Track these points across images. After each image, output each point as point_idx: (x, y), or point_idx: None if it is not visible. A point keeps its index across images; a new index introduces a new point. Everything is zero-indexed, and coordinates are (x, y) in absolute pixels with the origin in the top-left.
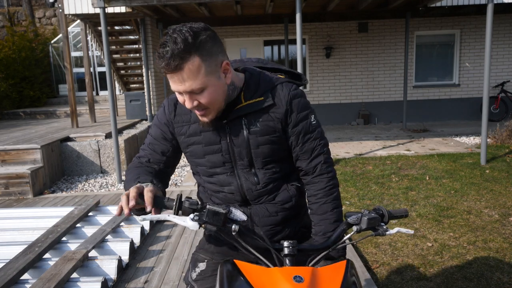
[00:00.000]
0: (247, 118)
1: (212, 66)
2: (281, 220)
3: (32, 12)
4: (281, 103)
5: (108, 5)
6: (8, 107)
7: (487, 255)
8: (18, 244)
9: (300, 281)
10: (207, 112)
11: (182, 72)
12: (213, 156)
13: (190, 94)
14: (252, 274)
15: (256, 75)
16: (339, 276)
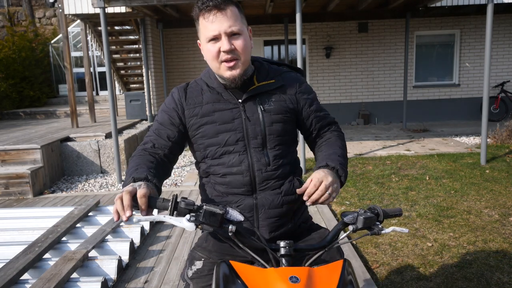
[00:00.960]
0: (260, 98)
1: (244, 21)
2: (285, 212)
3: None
4: (291, 85)
5: (108, 5)
6: (8, 107)
7: (487, 255)
8: (18, 244)
9: (296, 282)
10: (237, 64)
11: (226, 11)
12: (227, 134)
13: (229, 36)
14: (247, 275)
15: (264, 65)
16: (335, 276)
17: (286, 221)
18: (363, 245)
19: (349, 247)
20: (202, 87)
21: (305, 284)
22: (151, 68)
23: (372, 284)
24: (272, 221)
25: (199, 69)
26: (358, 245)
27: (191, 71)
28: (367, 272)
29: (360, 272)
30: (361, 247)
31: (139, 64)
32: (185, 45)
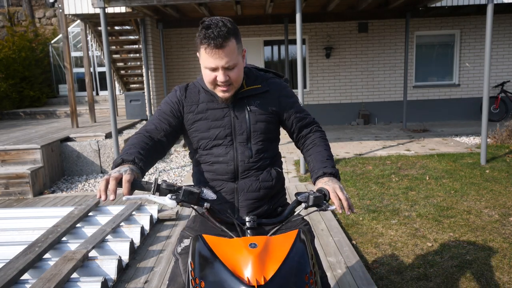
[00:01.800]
0: (248, 100)
1: (240, 49)
2: (262, 196)
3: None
4: (275, 90)
5: (108, 5)
6: (8, 107)
7: (487, 255)
8: (18, 244)
9: (254, 247)
10: (230, 88)
11: (224, 49)
12: (217, 129)
13: (225, 69)
14: (217, 245)
15: (253, 71)
16: (288, 243)
17: (263, 204)
18: (363, 245)
19: (349, 247)
20: (199, 88)
21: (262, 248)
22: (151, 68)
23: (372, 284)
24: (250, 203)
25: (199, 69)
26: (358, 245)
27: (191, 71)
28: (367, 272)
29: (360, 272)
30: (361, 247)
31: (139, 64)
32: (185, 45)
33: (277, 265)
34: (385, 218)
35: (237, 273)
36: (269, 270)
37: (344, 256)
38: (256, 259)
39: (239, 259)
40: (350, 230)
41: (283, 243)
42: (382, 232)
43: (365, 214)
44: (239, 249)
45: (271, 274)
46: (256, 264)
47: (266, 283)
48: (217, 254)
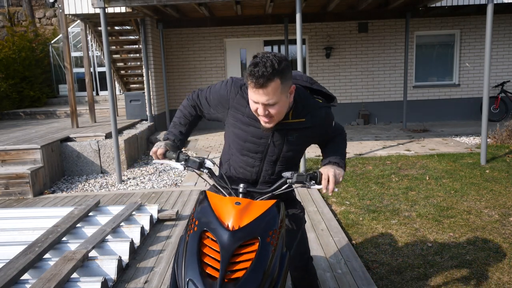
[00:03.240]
0: (288, 131)
1: (285, 88)
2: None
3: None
4: (317, 124)
5: (108, 5)
6: (8, 107)
7: (487, 255)
8: (18, 244)
9: (238, 204)
10: (271, 120)
11: (266, 89)
12: (252, 145)
13: (265, 105)
14: (213, 199)
15: (302, 97)
16: (265, 207)
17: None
18: (363, 245)
19: (349, 247)
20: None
21: (243, 207)
22: (151, 68)
23: (372, 284)
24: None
25: (199, 69)
26: (358, 245)
27: (191, 71)
28: (367, 272)
29: (360, 272)
30: (361, 247)
31: (139, 64)
32: (185, 45)
33: (251, 219)
34: (385, 218)
35: (222, 220)
36: (244, 221)
37: (344, 256)
38: (237, 213)
39: (225, 211)
40: (350, 230)
41: (261, 206)
42: (382, 232)
43: (365, 214)
44: (227, 204)
45: (244, 224)
46: (236, 216)
47: (239, 229)
48: (211, 205)
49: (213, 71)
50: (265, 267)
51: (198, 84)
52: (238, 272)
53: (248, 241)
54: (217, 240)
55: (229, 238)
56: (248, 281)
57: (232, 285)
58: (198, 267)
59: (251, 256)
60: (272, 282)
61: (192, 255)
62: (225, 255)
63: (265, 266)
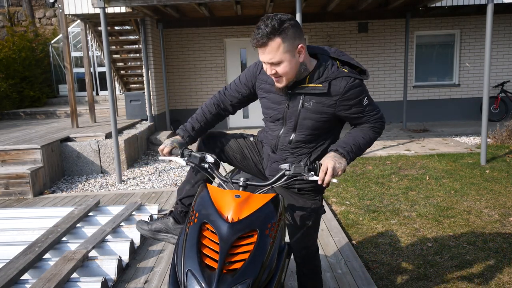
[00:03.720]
0: (305, 96)
1: (289, 47)
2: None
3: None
4: (336, 92)
5: (108, 5)
6: (8, 107)
7: (487, 255)
8: (18, 244)
9: (238, 197)
10: (280, 80)
11: (266, 47)
12: (273, 111)
13: (271, 64)
14: (214, 192)
15: (325, 65)
16: (264, 200)
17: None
18: (363, 245)
19: (349, 247)
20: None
21: (243, 200)
22: (151, 68)
23: (372, 284)
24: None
25: (199, 69)
26: (358, 245)
27: (191, 71)
28: (367, 272)
29: (360, 272)
30: (361, 247)
31: (139, 64)
32: (185, 45)
33: (250, 212)
34: (385, 218)
35: (221, 212)
36: (243, 213)
37: (344, 256)
38: (236, 205)
39: (225, 204)
40: (350, 230)
41: (261, 199)
42: (382, 232)
43: (365, 214)
44: (227, 197)
45: (244, 216)
46: (235, 208)
47: (238, 221)
48: (212, 198)
49: (213, 71)
50: (263, 259)
51: (198, 84)
52: (237, 263)
53: (247, 233)
54: (216, 232)
55: (228, 230)
56: (246, 272)
57: (230, 276)
58: (197, 257)
59: (249, 248)
60: (270, 274)
61: (192, 246)
62: (224, 247)
63: (263, 258)
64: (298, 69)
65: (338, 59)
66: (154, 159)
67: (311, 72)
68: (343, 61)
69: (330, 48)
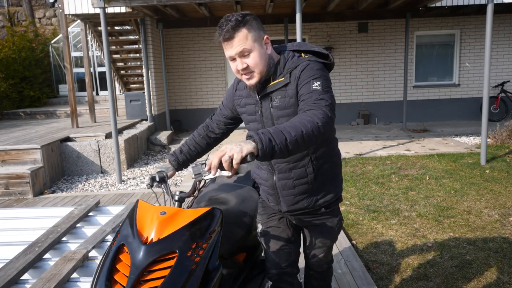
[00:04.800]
0: (272, 95)
1: (256, 36)
2: (298, 193)
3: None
4: (294, 78)
5: (108, 5)
6: (8, 107)
7: (487, 255)
8: (18, 244)
9: (163, 214)
10: (252, 76)
11: (234, 39)
12: (253, 123)
13: (241, 57)
14: (141, 209)
15: (286, 58)
16: (193, 216)
17: (302, 199)
18: (363, 245)
19: (349, 247)
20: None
21: (168, 216)
22: (151, 68)
23: (372, 284)
24: (289, 199)
25: (199, 69)
26: (358, 245)
27: (191, 71)
28: (367, 272)
29: (360, 272)
30: (361, 247)
31: (139, 64)
32: (185, 45)
33: (173, 230)
34: (385, 218)
35: (141, 232)
36: (165, 233)
37: (344, 256)
38: (159, 224)
39: (147, 222)
40: (350, 230)
41: (190, 215)
42: (382, 232)
43: (365, 214)
44: (151, 214)
45: (164, 236)
46: (158, 227)
47: (155, 242)
48: (137, 216)
49: (213, 71)
50: (178, 285)
51: (198, 84)
52: None
53: (164, 255)
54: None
55: (143, 252)
56: None
57: None
58: (105, 285)
59: (165, 273)
60: None
61: (103, 272)
62: (134, 272)
63: (179, 284)
64: (268, 62)
65: (300, 50)
66: (154, 159)
67: (276, 68)
68: (307, 50)
69: (292, 43)
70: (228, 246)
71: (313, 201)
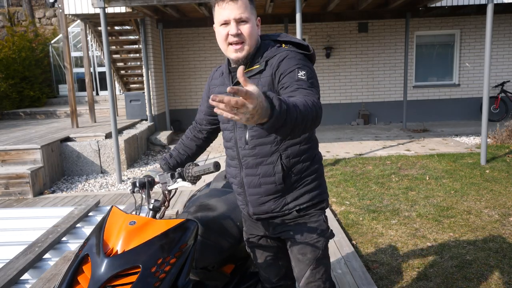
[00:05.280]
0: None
1: (254, 10)
2: (263, 192)
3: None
4: (271, 67)
5: (108, 5)
6: (8, 107)
7: (487, 255)
8: (18, 244)
9: (132, 224)
10: (242, 47)
11: (237, 1)
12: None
13: (238, 22)
14: (112, 217)
15: (265, 46)
16: (164, 228)
17: (268, 200)
18: (363, 245)
19: (349, 247)
20: (222, 70)
21: (137, 227)
22: (151, 68)
23: (372, 284)
24: (254, 199)
25: (199, 69)
26: (358, 245)
27: (191, 71)
28: (367, 272)
29: (360, 272)
30: (361, 247)
31: (139, 64)
32: (185, 45)
33: (139, 242)
34: (385, 218)
35: (107, 242)
36: (131, 245)
37: (344, 256)
38: (126, 234)
39: (116, 231)
40: (350, 230)
41: (160, 226)
42: (382, 232)
43: (365, 214)
44: (121, 223)
45: (129, 248)
46: (125, 238)
47: (119, 255)
48: (106, 224)
49: None
50: None
51: (198, 84)
52: None
53: (127, 270)
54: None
55: (103, 265)
56: None
57: None
58: None
59: None
60: None
61: (64, 284)
62: (92, 286)
63: None
64: (256, 41)
65: (279, 40)
66: (154, 159)
67: (255, 53)
68: (286, 41)
69: (273, 34)
70: (213, 257)
71: (281, 204)
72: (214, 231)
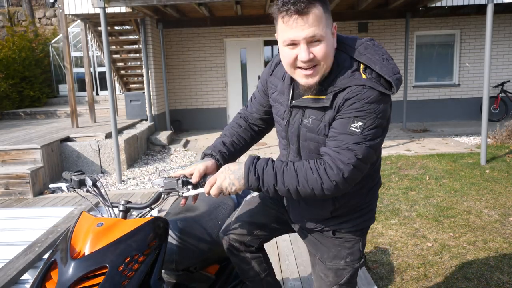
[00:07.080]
0: (306, 110)
1: (329, 21)
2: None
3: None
4: (336, 107)
5: (108, 5)
6: (8, 107)
7: (487, 255)
8: (18, 244)
9: (99, 226)
10: (315, 71)
11: (308, 16)
12: (278, 126)
13: (309, 43)
14: (81, 220)
15: (341, 65)
16: (132, 227)
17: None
18: None
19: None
20: (284, 74)
21: (104, 228)
22: (151, 68)
23: (372, 284)
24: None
25: (199, 69)
26: None
27: (191, 71)
28: (367, 272)
29: (360, 272)
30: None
31: (139, 64)
32: (185, 45)
33: (106, 243)
34: (385, 218)
35: (74, 246)
36: (98, 246)
37: None
38: (94, 236)
39: (83, 234)
40: None
41: (129, 226)
42: (382, 232)
43: None
44: (89, 225)
45: (95, 250)
46: (92, 239)
47: (84, 256)
48: (75, 228)
49: (213, 71)
50: None
51: (198, 84)
52: None
53: (94, 271)
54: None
55: (69, 268)
56: None
57: None
58: None
59: None
60: None
61: None
62: None
63: None
64: (332, 58)
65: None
66: (154, 159)
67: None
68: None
69: (359, 39)
70: (193, 258)
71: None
72: (193, 232)
